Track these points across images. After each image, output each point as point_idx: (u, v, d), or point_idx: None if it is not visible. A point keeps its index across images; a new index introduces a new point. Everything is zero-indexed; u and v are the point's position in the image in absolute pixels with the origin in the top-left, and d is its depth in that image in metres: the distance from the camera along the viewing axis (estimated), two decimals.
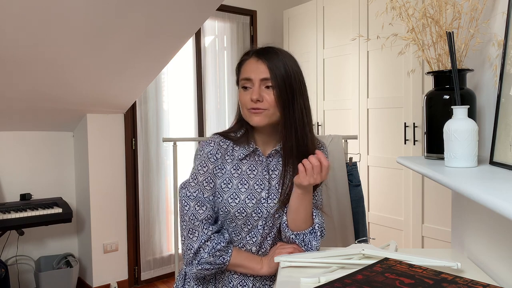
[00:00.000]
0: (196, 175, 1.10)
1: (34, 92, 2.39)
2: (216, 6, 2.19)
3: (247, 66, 1.10)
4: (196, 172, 1.10)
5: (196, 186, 1.09)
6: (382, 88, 2.83)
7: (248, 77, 1.08)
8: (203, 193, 1.09)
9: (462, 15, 1.07)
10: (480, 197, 0.63)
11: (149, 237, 3.25)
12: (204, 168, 1.10)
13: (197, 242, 1.07)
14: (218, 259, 1.08)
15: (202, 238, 1.07)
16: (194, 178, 1.10)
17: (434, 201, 2.52)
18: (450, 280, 0.78)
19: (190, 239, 1.08)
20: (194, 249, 1.07)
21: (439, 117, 1.05)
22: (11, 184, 2.76)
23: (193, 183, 1.10)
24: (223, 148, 1.12)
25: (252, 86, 1.07)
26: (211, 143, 1.11)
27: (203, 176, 1.09)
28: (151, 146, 3.24)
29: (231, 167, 1.11)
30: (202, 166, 1.10)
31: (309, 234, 1.10)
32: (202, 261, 1.07)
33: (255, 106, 1.06)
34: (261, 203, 1.10)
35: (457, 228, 1.21)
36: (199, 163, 1.10)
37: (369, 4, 2.84)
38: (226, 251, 1.09)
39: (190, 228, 1.08)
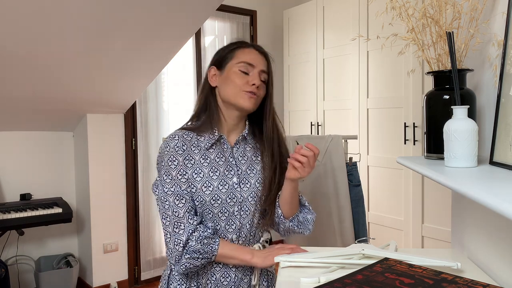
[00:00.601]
0: (168, 171, 1.09)
1: (34, 92, 2.39)
2: (216, 6, 2.19)
3: (249, 54, 1.15)
4: (167, 168, 1.09)
5: (171, 181, 1.09)
6: (382, 88, 2.83)
7: (251, 63, 1.13)
8: (180, 186, 1.09)
9: (462, 15, 1.07)
10: (480, 197, 0.63)
11: (149, 237, 3.25)
12: (175, 162, 1.09)
13: (184, 234, 1.06)
14: (206, 247, 1.06)
15: (189, 229, 1.06)
16: (167, 174, 1.09)
17: (434, 201, 2.52)
18: (450, 280, 0.78)
19: (176, 233, 1.06)
20: (183, 242, 1.05)
21: (439, 117, 1.05)
22: (11, 184, 2.76)
23: (168, 179, 1.09)
24: (188, 140, 1.13)
25: (251, 72, 1.13)
26: (175, 137, 1.12)
27: (175, 170, 1.09)
28: (151, 146, 3.24)
29: (200, 157, 1.12)
30: (172, 161, 1.09)
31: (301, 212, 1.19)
32: (191, 250, 1.06)
33: (253, 90, 1.12)
34: (234, 189, 1.13)
35: (457, 228, 1.21)
36: (168, 158, 1.10)
37: (369, 4, 2.84)
38: (214, 240, 1.08)
39: (175, 223, 1.07)
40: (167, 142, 1.11)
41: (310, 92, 3.42)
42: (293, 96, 3.62)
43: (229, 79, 1.13)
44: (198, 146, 1.13)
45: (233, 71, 1.13)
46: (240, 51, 1.15)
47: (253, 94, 1.12)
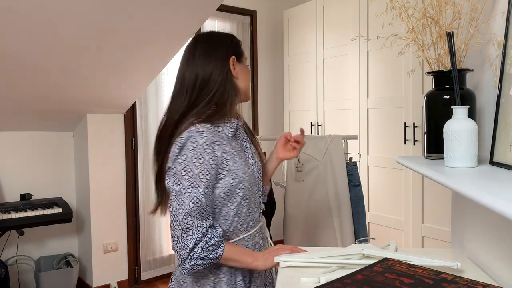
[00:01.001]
0: (190, 167, 1.04)
1: (34, 93, 2.39)
2: (216, 6, 2.19)
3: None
4: (190, 164, 1.04)
5: (190, 179, 1.04)
6: (382, 88, 2.83)
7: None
8: (198, 187, 1.04)
9: (462, 15, 1.07)
10: (480, 197, 0.63)
11: (149, 237, 3.25)
12: (200, 160, 1.05)
13: (192, 240, 1.04)
14: (211, 254, 1.06)
15: (197, 236, 1.04)
16: (188, 170, 1.04)
17: (434, 201, 2.52)
18: (450, 280, 0.78)
19: (184, 238, 1.04)
20: (189, 248, 1.04)
21: (439, 117, 1.05)
22: (11, 184, 2.76)
23: (187, 176, 1.04)
24: (215, 135, 1.09)
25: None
26: (203, 133, 1.07)
27: (199, 168, 1.04)
28: (151, 146, 3.24)
29: (229, 148, 1.12)
30: (197, 158, 1.04)
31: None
32: (195, 257, 1.05)
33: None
34: (253, 170, 1.19)
35: (457, 228, 1.21)
36: (193, 155, 1.04)
37: (369, 4, 2.84)
38: (219, 246, 1.07)
39: (184, 228, 1.04)
40: (194, 138, 1.05)
41: (310, 92, 3.42)
42: (293, 96, 3.62)
43: (245, 73, 1.20)
44: (223, 138, 1.12)
45: (246, 65, 1.22)
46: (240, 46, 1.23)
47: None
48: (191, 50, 1.18)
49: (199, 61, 1.14)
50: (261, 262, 1.11)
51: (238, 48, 1.21)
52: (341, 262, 1.00)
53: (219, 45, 1.17)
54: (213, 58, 1.14)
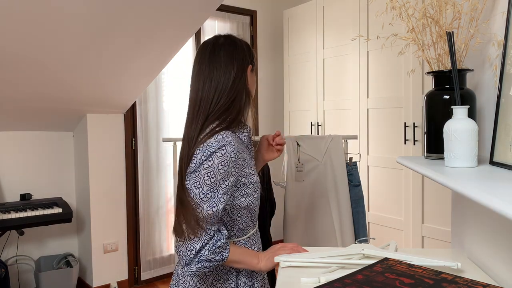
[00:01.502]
0: (213, 173, 1.06)
1: (34, 92, 2.39)
2: (216, 6, 2.19)
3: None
4: (214, 170, 1.05)
5: (211, 185, 1.05)
6: (382, 88, 2.83)
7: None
8: (218, 192, 1.06)
9: (462, 15, 1.07)
10: (480, 197, 0.63)
11: (149, 237, 3.25)
12: (225, 167, 1.06)
13: (199, 243, 1.05)
14: (217, 256, 1.08)
15: (205, 238, 1.05)
16: (210, 176, 1.05)
17: (434, 201, 2.52)
18: (450, 280, 0.78)
19: (191, 240, 1.05)
20: (195, 250, 1.05)
21: (439, 117, 1.05)
22: (11, 184, 2.76)
23: (209, 181, 1.05)
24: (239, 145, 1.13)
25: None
26: (231, 142, 1.08)
27: (222, 175, 1.06)
28: (151, 146, 3.24)
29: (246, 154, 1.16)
30: (222, 166, 1.06)
31: None
32: (202, 259, 1.06)
33: None
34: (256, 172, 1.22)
35: (457, 228, 1.21)
36: (220, 162, 1.06)
37: (369, 4, 2.84)
38: (225, 248, 1.09)
39: (193, 229, 1.05)
40: (224, 146, 1.06)
41: (310, 92, 3.42)
42: (293, 96, 3.62)
43: (253, 81, 1.22)
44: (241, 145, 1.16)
45: (254, 75, 1.24)
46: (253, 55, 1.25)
47: None
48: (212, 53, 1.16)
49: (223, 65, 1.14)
50: (264, 263, 1.12)
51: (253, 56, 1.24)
52: (341, 262, 1.00)
53: (241, 51, 1.18)
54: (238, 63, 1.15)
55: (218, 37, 1.20)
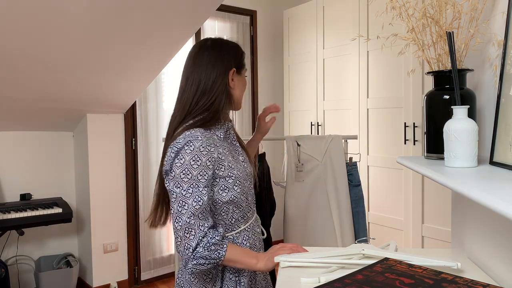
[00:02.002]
0: (188, 170, 1.08)
1: (34, 92, 2.39)
2: (216, 6, 2.19)
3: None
4: (188, 167, 1.08)
5: (189, 181, 1.08)
6: (382, 88, 2.83)
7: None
8: (198, 186, 1.09)
9: (462, 15, 1.07)
10: (480, 197, 0.63)
11: (149, 237, 3.25)
12: (198, 162, 1.09)
13: (194, 240, 1.07)
14: (213, 254, 1.08)
15: (199, 235, 1.07)
16: (186, 173, 1.08)
17: (434, 201, 2.52)
18: (450, 280, 0.78)
19: (187, 238, 1.07)
20: (192, 247, 1.07)
21: (439, 117, 1.05)
22: (11, 184, 2.76)
23: (186, 178, 1.08)
24: (209, 139, 1.14)
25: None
26: (198, 137, 1.11)
27: (197, 170, 1.09)
28: (151, 146, 3.24)
29: (222, 149, 1.17)
30: (195, 161, 1.09)
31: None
32: (197, 256, 1.07)
33: None
34: (244, 166, 1.23)
35: (457, 228, 1.21)
36: (191, 157, 1.08)
37: (369, 4, 2.84)
38: (221, 246, 1.10)
39: (187, 228, 1.07)
40: (190, 141, 1.10)
41: (310, 92, 3.42)
42: (293, 96, 3.62)
43: (242, 84, 1.26)
44: (216, 141, 1.17)
45: (244, 77, 1.27)
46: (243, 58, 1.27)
47: None
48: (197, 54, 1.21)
49: (204, 67, 1.18)
50: (263, 263, 1.11)
51: (241, 60, 1.26)
52: (341, 262, 1.00)
53: (226, 55, 1.21)
54: (219, 66, 1.19)
55: (207, 39, 1.25)
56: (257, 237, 1.28)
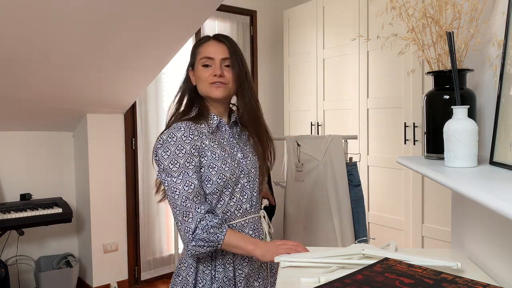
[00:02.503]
0: (175, 160, 1.13)
1: (34, 93, 2.39)
2: (216, 6, 2.19)
3: (207, 47, 1.24)
4: (174, 157, 1.13)
5: (178, 169, 1.13)
6: (382, 88, 2.83)
7: (209, 56, 1.22)
8: (188, 173, 1.13)
9: (462, 15, 1.07)
10: (480, 197, 0.63)
11: (149, 237, 3.25)
12: (182, 150, 1.14)
13: (193, 222, 1.11)
14: (212, 236, 1.11)
15: (196, 217, 1.11)
16: (174, 163, 1.13)
17: (434, 201, 2.52)
18: (450, 280, 0.78)
19: (186, 222, 1.11)
20: (191, 230, 1.10)
21: (439, 117, 1.05)
22: (11, 184, 2.76)
23: (175, 168, 1.13)
24: (192, 129, 1.18)
25: (213, 64, 1.22)
26: (180, 128, 1.16)
27: (183, 158, 1.13)
28: (151, 146, 3.24)
29: (209, 141, 1.20)
30: (179, 150, 1.14)
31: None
32: (197, 238, 1.11)
33: (217, 80, 1.21)
34: (241, 163, 1.25)
35: (457, 228, 1.21)
36: (175, 147, 1.14)
37: (369, 4, 2.84)
38: (221, 230, 1.12)
39: (184, 211, 1.11)
40: (172, 133, 1.15)
41: (310, 92, 3.42)
42: (293, 96, 3.62)
43: (198, 76, 1.24)
44: (202, 133, 1.20)
45: (199, 68, 1.24)
46: (201, 48, 1.25)
47: (219, 83, 1.22)
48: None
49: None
50: (261, 252, 1.12)
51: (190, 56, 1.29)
52: (341, 262, 1.00)
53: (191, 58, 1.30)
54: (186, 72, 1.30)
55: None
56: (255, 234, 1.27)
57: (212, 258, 1.22)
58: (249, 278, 1.26)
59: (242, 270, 1.24)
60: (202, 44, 1.26)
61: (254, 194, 1.28)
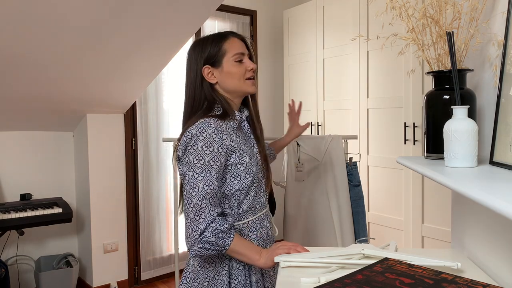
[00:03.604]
0: (201, 156, 1.12)
1: (34, 92, 2.39)
2: (216, 6, 2.19)
3: (235, 43, 1.25)
4: (201, 153, 1.12)
5: (202, 166, 1.12)
6: (382, 88, 2.83)
7: (241, 52, 1.24)
8: (210, 172, 1.12)
9: (462, 15, 1.07)
10: (480, 197, 0.63)
11: (149, 237, 3.25)
12: (210, 148, 1.12)
13: (203, 223, 1.10)
14: (219, 241, 1.11)
15: (208, 219, 1.11)
16: (199, 159, 1.12)
17: (434, 201, 2.52)
18: (450, 280, 0.78)
19: (196, 221, 1.11)
20: (200, 230, 1.10)
21: (439, 117, 1.05)
22: (11, 184, 2.76)
23: (199, 164, 1.12)
24: (222, 127, 1.17)
25: (244, 60, 1.25)
26: (211, 124, 1.15)
27: (209, 156, 1.12)
28: (151, 146, 3.24)
29: (235, 137, 1.20)
30: (207, 147, 1.12)
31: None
32: (204, 240, 1.10)
33: (253, 75, 1.26)
34: (257, 158, 1.27)
35: (457, 228, 1.21)
36: (204, 143, 1.12)
37: (369, 4, 2.84)
38: (228, 235, 1.13)
39: (197, 210, 1.11)
40: (203, 128, 1.13)
41: (310, 92, 3.42)
42: (293, 96, 3.62)
43: (230, 72, 1.23)
44: (230, 130, 1.20)
45: (231, 64, 1.23)
46: (227, 44, 1.24)
47: (253, 78, 1.27)
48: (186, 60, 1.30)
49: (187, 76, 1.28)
50: (264, 261, 1.13)
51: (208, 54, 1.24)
52: (341, 262, 1.00)
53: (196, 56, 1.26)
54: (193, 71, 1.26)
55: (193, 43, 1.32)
56: (265, 230, 1.29)
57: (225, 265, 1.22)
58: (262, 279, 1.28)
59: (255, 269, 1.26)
60: (227, 40, 1.24)
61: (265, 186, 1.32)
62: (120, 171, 3.03)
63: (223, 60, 1.23)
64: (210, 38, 1.27)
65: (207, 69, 1.24)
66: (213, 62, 1.24)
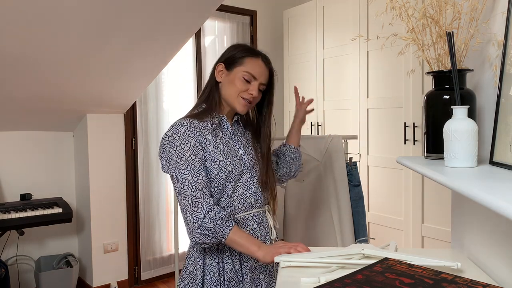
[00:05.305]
0: (181, 153, 1.17)
1: (34, 93, 2.39)
2: (216, 6, 2.19)
3: (256, 65, 1.27)
4: (180, 151, 1.17)
5: (185, 162, 1.17)
6: (382, 88, 2.83)
7: (255, 75, 1.26)
8: (194, 165, 1.17)
9: (462, 15, 1.07)
10: (480, 197, 0.63)
11: (149, 237, 3.25)
12: (187, 144, 1.18)
13: (202, 212, 1.14)
14: (218, 228, 1.14)
15: (206, 207, 1.14)
16: (181, 157, 1.17)
17: (434, 201, 2.52)
18: (450, 280, 0.79)
19: (195, 212, 1.14)
20: (200, 219, 1.13)
21: (439, 117, 1.05)
22: (11, 184, 2.76)
23: (182, 161, 1.17)
24: (195, 125, 1.22)
25: (252, 82, 1.26)
26: (183, 123, 1.20)
27: (189, 151, 1.17)
28: (151, 146, 3.24)
29: (211, 136, 1.24)
30: (184, 144, 1.18)
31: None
32: (203, 226, 1.13)
33: (250, 99, 1.27)
34: (243, 159, 1.29)
35: (457, 228, 1.21)
36: (180, 142, 1.17)
37: (369, 4, 2.84)
38: (227, 224, 1.15)
39: (193, 201, 1.14)
40: (176, 128, 1.19)
41: (310, 92, 3.42)
42: (293, 96, 3.61)
43: (233, 82, 1.26)
44: (204, 129, 1.24)
45: (238, 76, 1.26)
46: (249, 60, 1.27)
47: (248, 102, 1.27)
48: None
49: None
50: (262, 254, 1.14)
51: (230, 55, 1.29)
52: (341, 262, 1.00)
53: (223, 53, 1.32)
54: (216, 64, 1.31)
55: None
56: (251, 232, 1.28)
57: (219, 251, 1.24)
58: (254, 270, 1.28)
59: (247, 262, 1.26)
60: (252, 57, 1.27)
61: (259, 189, 1.31)
62: (120, 171, 3.03)
63: (236, 69, 1.27)
64: (245, 47, 1.31)
65: (221, 66, 1.29)
66: (229, 64, 1.28)
